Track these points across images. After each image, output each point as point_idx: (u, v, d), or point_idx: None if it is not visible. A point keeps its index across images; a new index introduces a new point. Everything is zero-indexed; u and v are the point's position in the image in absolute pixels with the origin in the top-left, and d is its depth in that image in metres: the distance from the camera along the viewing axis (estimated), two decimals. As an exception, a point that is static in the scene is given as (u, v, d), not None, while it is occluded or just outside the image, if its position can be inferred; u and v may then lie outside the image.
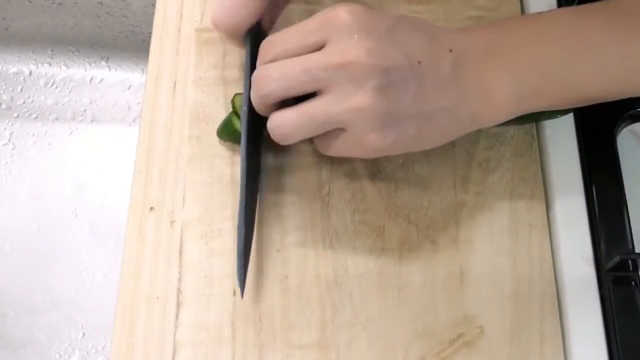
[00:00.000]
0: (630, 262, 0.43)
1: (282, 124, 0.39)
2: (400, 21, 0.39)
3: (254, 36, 0.42)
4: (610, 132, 0.48)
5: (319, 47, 0.38)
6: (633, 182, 0.47)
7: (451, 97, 0.39)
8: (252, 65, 0.41)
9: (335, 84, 0.37)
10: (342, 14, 0.37)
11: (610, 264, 0.43)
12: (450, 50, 0.39)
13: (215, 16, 0.41)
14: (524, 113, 0.42)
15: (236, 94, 0.46)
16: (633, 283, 0.43)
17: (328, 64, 0.37)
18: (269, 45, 0.40)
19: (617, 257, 0.42)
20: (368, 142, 0.38)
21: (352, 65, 0.36)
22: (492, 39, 0.41)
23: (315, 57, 0.37)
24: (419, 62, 0.38)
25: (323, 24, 0.38)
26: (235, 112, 0.46)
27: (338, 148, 0.40)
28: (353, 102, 0.37)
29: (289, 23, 0.41)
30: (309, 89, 0.38)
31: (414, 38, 0.38)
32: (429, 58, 0.38)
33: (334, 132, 0.39)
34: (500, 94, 0.40)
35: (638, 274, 0.43)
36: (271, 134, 0.40)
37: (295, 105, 0.39)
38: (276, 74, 0.38)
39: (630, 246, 0.44)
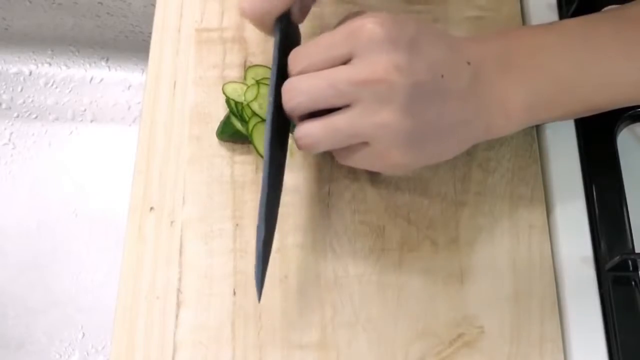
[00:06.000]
0: (630, 262, 0.43)
1: (308, 135, 0.39)
2: (421, 30, 0.39)
3: (283, 27, 0.41)
4: (610, 132, 0.48)
5: (346, 60, 0.38)
6: (633, 182, 0.47)
7: (469, 109, 0.39)
8: (280, 56, 0.41)
9: (362, 99, 0.37)
10: (368, 25, 0.37)
11: (610, 264, 0.43)
12: (468, 63, 0.39)
13: (243, 2, 0.40)
14: (537, 123, 0.42)
15: (225, 84, 0.46)
16: (633, 283, 0.43)
17: (356, 79, 0.37)
18: (296, 57, 0.40)
19: (617, 257, 0.42)
20: (390, 157, 0.38)
21: (380, 82, 0.36)
22: (505, 50, 0.41)
23: (343, 72, 0.37)
24: (442, 76, 0.38)
25: (349, 36, 0.38)
26: (232, 112, 0.46)
27: (358, 160, 0.40)
28: (379, 118, 0.37)
29: (317, 18, 0.40)
30: (336, 103, 0.38)
31: (435, 49, 0.38)
32: (451, 71, 0.38)
33: (356, 145, 0.39)
34: (514, 104, 0.40)
35: (638, 274, 0.43)
36: (297, 143, 0.40)
37: (322, 117, 0.39)
38: (303, 88, 0.38)
39: (630, 246, 0.44)
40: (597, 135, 0.48)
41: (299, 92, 0.38)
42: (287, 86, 0.39)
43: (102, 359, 0.81)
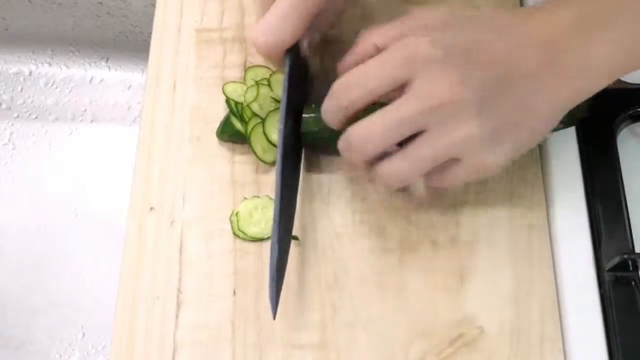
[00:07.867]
0: (630, 262, 0.43)
1: (394, 173, 0.39)
2: (472, 33, 0.38)
3: (292, 58, 0.42)
4: (610, 132, 0.48)
5: (402, 85, 0.38)
6: (633, 182, 0.47)
7: (547, 84, 0.38)
8: (289, 86, 0.41)
9: (436, 122, 0.37)
10: (422, 46, 0.37)
11: (610, 264, 0.43)
12: (531, 45, 0.38)
13: (256, 36, 0.41)
14: (626, 74, 0.40)
15: (225, 84, 0.47)
16: (633, 283, 0.43)
17: (424, 108, 0.37)
18: (346, 88, 0.39)
19: (617, 257, 0.42)
20: (487, 163, 0.38)
21: (449, 104, 0.36)
22: (579, 16, 0.39)
23: (409, 105, 0.37)
24: (505, 74, 0.37)
25: (406, 62, 0.37)
26: (232, 112, 0.46)
27: (456, 177, 0.40)
28: (459, 134, 0.37)
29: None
30: (408, 134, 0.38)
31: (491, 49, 0.38)
32: (512, 63, 0.38)
33: (447, 163, 0.39)
34: (600, 63, 0.39)
35: (638, 274, 0.43)
36: (384, 184, 0.40)
37: (400, 151, 0.38)
38: (377, 135, 0.38)
39: (630, 246, 0.44)
40: (597, 135, 0.48)
41: (370, 139, 0.38)
42: (355, 132, 0.39)
43: (102, 359, 0.80)
